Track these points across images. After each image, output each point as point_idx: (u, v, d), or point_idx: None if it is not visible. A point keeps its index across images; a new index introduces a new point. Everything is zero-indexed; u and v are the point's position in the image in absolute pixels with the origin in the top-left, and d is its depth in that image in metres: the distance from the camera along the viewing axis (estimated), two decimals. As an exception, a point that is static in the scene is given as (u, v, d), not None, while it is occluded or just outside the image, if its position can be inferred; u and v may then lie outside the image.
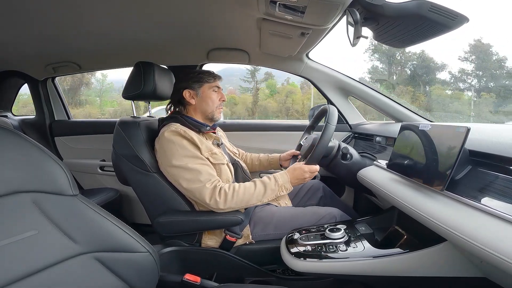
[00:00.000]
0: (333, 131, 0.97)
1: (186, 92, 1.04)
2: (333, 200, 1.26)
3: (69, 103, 4.25)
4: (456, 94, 8.34)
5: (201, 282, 0.74)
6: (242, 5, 0.92)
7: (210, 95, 1.06)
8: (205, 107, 1.06)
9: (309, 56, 1.46)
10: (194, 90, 1.05)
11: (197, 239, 0.99)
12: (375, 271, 0.75)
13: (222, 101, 1.09)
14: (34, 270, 0.45)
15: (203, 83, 1.05)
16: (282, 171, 1.00)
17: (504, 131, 0.76)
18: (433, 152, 0.67)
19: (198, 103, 1.06)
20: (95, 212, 0.57)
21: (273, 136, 1.63)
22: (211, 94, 1.06)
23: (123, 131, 1.00)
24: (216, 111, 1.07)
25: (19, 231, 0.46)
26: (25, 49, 1.41)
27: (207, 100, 1.06)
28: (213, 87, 1.07)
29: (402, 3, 0.71)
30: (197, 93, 1.05)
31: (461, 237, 0.50)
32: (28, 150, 0.52)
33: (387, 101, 1.40)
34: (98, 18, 1.05)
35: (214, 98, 1.06)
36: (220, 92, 1.09)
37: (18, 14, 0.97)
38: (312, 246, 0.84)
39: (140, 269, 0.60)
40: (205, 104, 1.06)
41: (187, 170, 0.91)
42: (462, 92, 6.68)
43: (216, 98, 1.07)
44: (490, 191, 0.55)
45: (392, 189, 0.77)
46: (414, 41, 0.83)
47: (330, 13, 0.82)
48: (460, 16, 0.68)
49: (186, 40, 1.34)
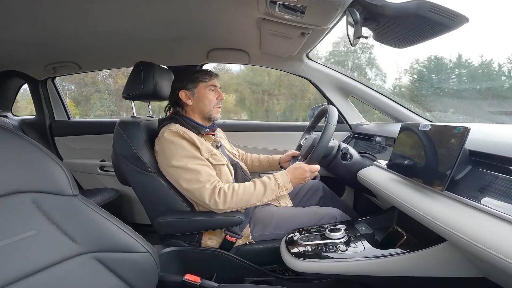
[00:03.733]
0: (333, 131, 0.97)
1: (182, 92, 1.04)
2: (333, 200, 1.26)
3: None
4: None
5: (201, 282, 0.74)
6: (242, 5, 0.92)
7: (207, 95, 1.05)
8: (202, 107, 1.05)
9: (309, 56, 1.46)
10: (189, 90, 1.04)
11: (197, 239, 0.99)
12: (375, 271, 0.75)
13: (219, 100, 1.08)
14: (34, 270, 0.45)
15: (198, 83, 1.04)
16: (282, 171, 0.99)
17: (504, 131, 0.76)
18: (433, 152, 0.67)
19: (195, 103, 1.05)
20: (95, 212, 0.57)
21: (273, 136, 1.63)
22: (207, 93, 1.05)
23: (123, 131, 1.00)
24: (213, 110, 1.06)
25: (19, 231, 0.46)
26: (25, 49, 1.41)
27: (204, 100, 1.05)
28: (209, 86, 1.05)
29: (402, 3, 0.71)
30: (193, 93, 1.04)
31: (461, 237, 0.50)
32: (28, 150, 0.52)
33: (387, 101, 1.40)
34: (98, 18, 1.05)
35: (211, 97, 1.05)
36: (217, 91, 1.08)
37: (18, 14, 0.97)
38: (312, 246, 0.84)
39: (140, 269, 0.60)
40: (202, 104, 1.05)
41: (187, 170, 0.91)
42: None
43: (213, 97, 1.06)
44: (490, 191, 0.55)
45: (392, 189, 0.77)
46: (414, 41, 0.83)
47: (330, 13, 0.82)
48: (460, 16, 0.68)
49: (186, 40, 1.34)
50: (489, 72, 2.09)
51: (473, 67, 2.18)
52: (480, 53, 2.08)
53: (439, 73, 2.54)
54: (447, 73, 2.43)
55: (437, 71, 2.53)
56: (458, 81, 2.34)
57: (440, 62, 2.44)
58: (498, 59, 1.97)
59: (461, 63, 2.22)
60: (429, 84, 2.56)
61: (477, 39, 1.98)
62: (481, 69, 2.14)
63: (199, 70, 1.09)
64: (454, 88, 2.38)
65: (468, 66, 2.18)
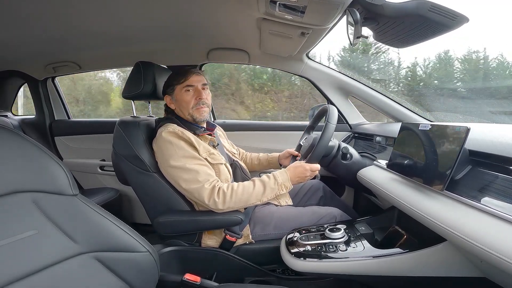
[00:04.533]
0: (334, 130, 0.97)
1: (166, 97, 1.05)
2: (333, 200, 1.26)
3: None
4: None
5: (201, 282, 0.74)
6: (242, 5, 0.92)
7: (183, 97, 1.01)
8: (183, 110, 1.02)
9: (309, 56, 1.46)
10: (169, 95, 1.04)
11: (197, 239, 0.99)
12: (375, 271, 0.75)
13: (199, 100, 1.01)
14: (34, 270, 0.45)
15: (174, 86, 1.02)
16: (281, 170, 0.99)
17: (504, 131, 0.76)
18: (433, 152, 0.67)
19: (177, 106, 1.04)
20: (95, 212, 0.57)
21: (273, 136, 1.63)
22: (184, 95, 1.01)
23: (123, 131, 1.00)
24: (194, 111, 1.01)
25: (19, 231, 0.46)
26: (25, 49, 1.41)
27: (181, 103, 1.01)
28: (184, 88, 1.01)
29: (402, 3, 0.71)
30: (172, 97, 1.03)
31: (461, 237, 0.50)
32: (28, 150, 0.52)
33: (387, 101, 1.40)
34: (98, 18, 1.05)
35: (188, 98, 1.00)
36: (196, 90, 1.01)
37: (18, 14, 0.97)
38: (312, 246, 0.84)
39: (140, 269, 0.60)
40: (181, 107, 1.02)
41: (185, 170, 0.91)
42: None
43: (191, 98, 1.00)
44: (490, 191, 0.55)
45: (392, 189, 0.77)
46: (414, 41, 0.83)
47: (330, 13, 0.82)
48: (460, 16, 0.68)
49: (186, 40, 1.34)
50: (489, 72, 2.09)
51: (475, 67, 2.17)
52: (479, 53, 2.08)
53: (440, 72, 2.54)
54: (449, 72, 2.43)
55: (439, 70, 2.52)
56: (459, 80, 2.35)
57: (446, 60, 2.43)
58: (497, 59, 1.97)
59: (466, 59, 2.21)
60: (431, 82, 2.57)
61: (476, 38, 1.98)
62: (482, 69, 2.14)
63: (176, 71, 1.05)
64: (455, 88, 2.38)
65: (472, 63, 2.17)
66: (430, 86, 2.56)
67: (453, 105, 1.92)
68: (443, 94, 2.20)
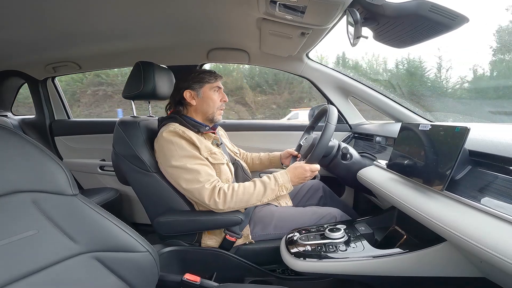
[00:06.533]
0: (334, 130, 0.97)
1: (187, 92, 1.03)
2: (333, 200, 1.26)
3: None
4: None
5: (200, 282, 0.74)
6: (242, 5, 0.92)
7: (211, 96, 1.05)
8: (206, 108, 1.05)
9: (309, 56, 1.46)
10: (194, 90, 1.04)
11: (197, 239, 0.99)
12: (375, 271, 0.75)
13: (223, 102, 1.08)
14: (34, 269, 0.45)
15: (204, 84, 1.04)
16: (282, 171, 0.99)
17: (504, 131, 0.76)
18: (433, 152, 0.67)
19: (199, 104, 1.05)
20: (95, 212, 0.57)
21: (273, 136, 1.63)
22: (212, 94, 1.05)
23: (123, 131, 1.00)
24: (216, 112, 1.06)
25: (19, 231, 0.46)
26: (25, 49, 1.41)
27: (208, 101, 1.04)
28: (214, 88, 1.05)
29: (402, 3, 0.71)
30: (198, 93, 1.04)
31: (461, 237, 0.50)
32: (28, 150, 0.52)
33: (387, 101, 1.40)
34: (98, 18, 1.05)
35: (215, 98, 1.05)
36: (221, 93, 1.08)
37: (18, 14, 0.97)
38: (312, 246, 0.84)
39: (140, 269, 0.60)
40: (206, 105, 1.05)
41: (186, 170, 0.91)
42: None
43: (217, 98, 1.06)
44: (490, 191, 0.55)
45: (392, 189, 0.77)
46: (414, 41, 0.83)
47: (330, 13, 0.82)
48: (460, 16, 0.68)
49: (186, 40, 1.34)
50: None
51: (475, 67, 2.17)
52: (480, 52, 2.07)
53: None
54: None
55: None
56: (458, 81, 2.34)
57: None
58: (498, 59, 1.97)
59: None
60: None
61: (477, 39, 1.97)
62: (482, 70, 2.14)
63: (205, 70, 1.08)
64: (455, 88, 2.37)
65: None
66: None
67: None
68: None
